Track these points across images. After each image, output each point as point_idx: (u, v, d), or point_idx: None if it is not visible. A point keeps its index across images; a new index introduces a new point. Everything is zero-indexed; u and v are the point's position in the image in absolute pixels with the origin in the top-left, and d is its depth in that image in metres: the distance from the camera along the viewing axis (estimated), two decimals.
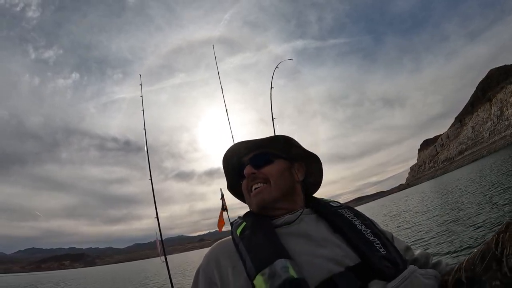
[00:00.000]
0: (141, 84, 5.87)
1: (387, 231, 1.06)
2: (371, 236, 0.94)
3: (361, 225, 0.98)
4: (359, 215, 1.04)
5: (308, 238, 0.94)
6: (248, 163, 1.09)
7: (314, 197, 1.16)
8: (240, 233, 0.98)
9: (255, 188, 1.06)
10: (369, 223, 1.02)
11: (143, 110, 5.46)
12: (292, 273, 0.83)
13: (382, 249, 0.91)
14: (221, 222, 4.23)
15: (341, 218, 1.00)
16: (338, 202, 1.11)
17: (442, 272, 0.99)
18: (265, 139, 1.12)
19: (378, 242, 0.93)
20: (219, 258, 0.94)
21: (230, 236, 1.02)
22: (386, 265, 0.87)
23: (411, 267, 0.88)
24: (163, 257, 4.69)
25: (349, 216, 1.02)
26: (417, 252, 1.06)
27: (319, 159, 1.18)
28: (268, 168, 1.07)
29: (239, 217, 1.10)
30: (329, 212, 1.03)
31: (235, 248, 0.96)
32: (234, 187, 1.22)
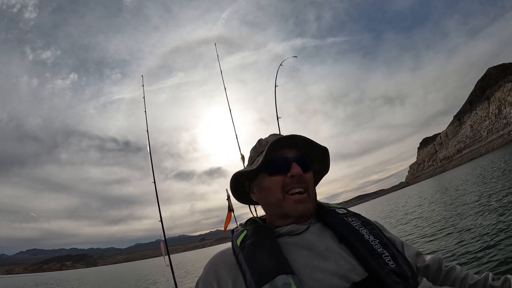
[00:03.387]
0: (143, 85, 5.52)
1: (397, 238, 1.00)
2: (380, 247, 0.88)
3: (368, 235, 0.91)
4: (367, 223, 0.98)
5: (312, 250, 0.87)
6: (293, 161, 0.98)
7: (319, 202, 1.07)
8: (241, 242, 0.93)
9: (298, 192, 0.96)
10: (377, 232, 0.95)
11: (145, 111, 5.19)
12: None
13: (391, 262, 0.84)
14: (227, 223, 4.11)
15: (347, 227, 0.94)
16: (344, 209, 1.05)
17: (457, 279, 0.93)
18: (317, 144, 1.03)
19: (387, 254, 0.86)
20: (219, 270, 0.89)
21: (231, 246, 0.96)
22: (395, 280, 0.81)
23: (425, 284, 0.82)
24: (167, 259, 4.59)
25: (356, 225, 0.95)
26: (428, 257, 0.98)
27: (328, 171, 1.12)
28: (309, 175, 1.00)
29: (240, 225, 1.04)
30: (335, 220, 0.97)
31: (235, 259, 0.90)
32: (240, 178, 1.08)
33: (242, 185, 1.09)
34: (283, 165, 0.98)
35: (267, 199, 1.01)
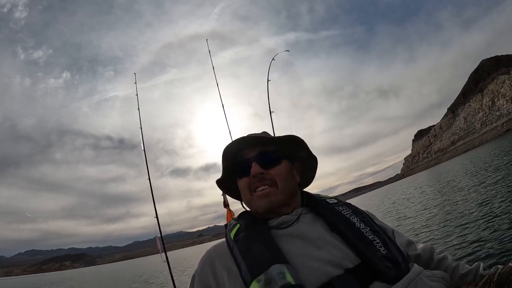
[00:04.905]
0: (135, 83, 5.47)
1: (388, 227, 1.02)
2: (371, 235, 0.90)
3: (359, 223, 0.94)
4: (357, 212, 1.00)
5: (305, 239, 0.90)
6: (253, 160, 1.01)
7: (310, 194, 1.10)
8: (234, 236, 0.95)
9: (261, 190, 0.99)
10: (368, 220, 0.97)
11: (138, 109, 5.21)
12: (289, 279, 0.80)
13: (383, 248, 0.87)
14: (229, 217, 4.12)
15: (338, 216, 0.96)
16: (335, 199, 1.07)
17: (449, 269, 0.95)
18: (277, 138, 1.05)
19: (378, 240, 0.89)
20: (214, 262, 0.92)
21: (225, 239, 0.99)
22: (387, 265, 0.83)
23: (416, 268, 0.84)
24: (163, 256, 4.61)
25: (346, 214, 0.97)
26: (419, 246, 1.01)
27: (317, 160, 1.14)
28: (276, 170, 1.01)
29: (233, 219, 1.06)
30: (326, 210, 0.99)
31: (229, 252, 0.93)
32: (227, 182, 1.13)
33: (234, 185, 1.10)
34: (245, 167, 1.01)
35: (243, 199, 1.06)
